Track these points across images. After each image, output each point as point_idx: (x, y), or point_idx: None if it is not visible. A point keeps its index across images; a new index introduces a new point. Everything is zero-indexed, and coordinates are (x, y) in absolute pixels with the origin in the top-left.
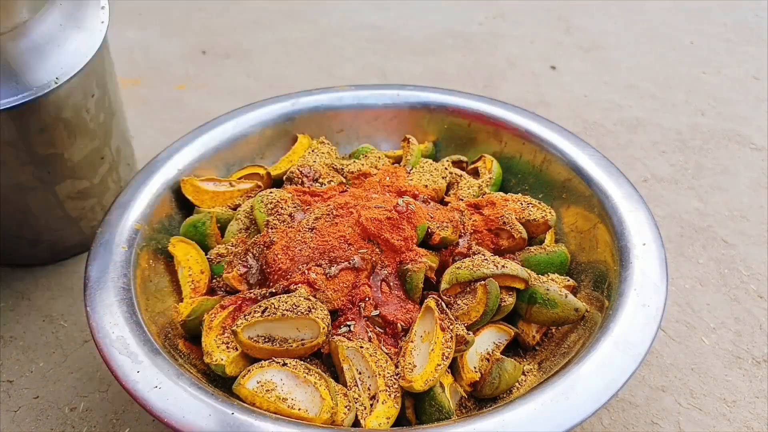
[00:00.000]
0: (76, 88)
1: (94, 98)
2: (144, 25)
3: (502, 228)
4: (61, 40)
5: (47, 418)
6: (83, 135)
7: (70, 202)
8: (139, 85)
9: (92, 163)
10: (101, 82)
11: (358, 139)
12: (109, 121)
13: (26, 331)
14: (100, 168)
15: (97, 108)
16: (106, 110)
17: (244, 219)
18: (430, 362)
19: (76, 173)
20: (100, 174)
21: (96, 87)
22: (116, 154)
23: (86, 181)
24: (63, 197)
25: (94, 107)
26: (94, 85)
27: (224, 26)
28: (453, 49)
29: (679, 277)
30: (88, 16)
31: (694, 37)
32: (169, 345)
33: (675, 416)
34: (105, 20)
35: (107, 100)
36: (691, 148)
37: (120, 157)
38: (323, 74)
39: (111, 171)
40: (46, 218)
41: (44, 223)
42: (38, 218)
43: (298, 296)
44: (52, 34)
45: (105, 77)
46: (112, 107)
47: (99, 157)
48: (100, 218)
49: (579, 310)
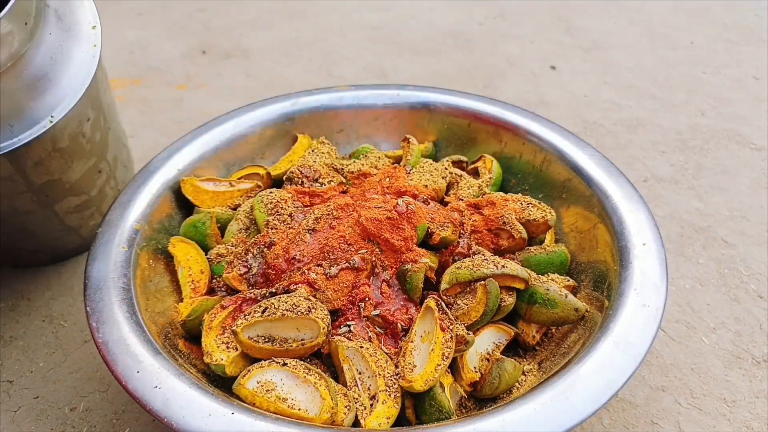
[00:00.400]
0: (72, 118)
1: (89, 122)
2: (144, 25)
3: (502, 228)
4: (53, 75)
5: (47, 418)
6: (80, 158)
7: (70, 216)
8: (139, 85)
9: (90, 179)
10: (96, 104)
11: (358, 139)
12: (105, 136)
13: (26, 331)
14: (98, 181)
15: (92, 129)
16: (101, 128)
17: (244, 219)
18: (430, 362)
19: (74, 191)
20: (98, 186)
21: (91, 110)
22: (113, 163)
23: (85, 195)
24: (62, 213)
25: (89, 130)
26: (89, 109)
27: (224, 26)
28: (453, 49)
29: (679, 277)
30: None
31: (694, 37)
32: (169, 345)
33: (675, 416)
34: (97, 43)
35: (102, 118)
36: (691, 148)
37: (116, 164)
38: (323, 74)
39: (108, 180)
40: (46, 231)
41: (44, 235)
42: (38, 233)
43: (298, 296)
44: (44, 69)
45: (99, 97)
46: (107, 122)
47: (96, 172)
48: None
49: (579, 310)
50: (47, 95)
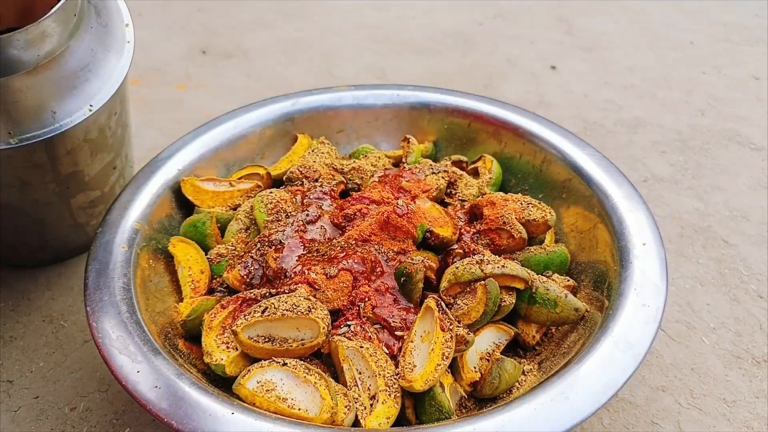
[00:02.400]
0: (105, 110)
1: (116, 116)
2: (144, 25)
3: (502, 228)
4: (93, 66)
5: (47, 418)
6: (102, 151)
7: (81, 211)
8: (139, 85)
9: (106, 175)
10: (123, 99)
11: (358, 139)
12: (124, 132)
13: (26, 331)
14: (111, 178)
15: (116, 124)
16: (122, 124)
17: (244, 219)
18: (430, 362)
19: (89, 185)
20: (110, 183)
21: (119, 104)
22: (125, 160)
23: (98, 191)
24: (76, 208)
25: (114, 124)
26: (117, 103)
27: (224, 26)
28: (453, 49)
29: (679, 277)
30: (116, 37)
31: (694, 37)
32: (169, 345)
33: (675, 416)
34: (131, 39)
35: (124, 114)
36: (691, 148)
37: (127, 162)
38: (323, 74)
39: (119, 178)
40: (56, 227)
41: (53, 232)
42: (48, 229)
43: (298, 296)
44: (85, 60)
45: (125, 93)
46: (127, 119)
47: (112, 168)
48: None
49: (579, 310)
50: (87, 85)
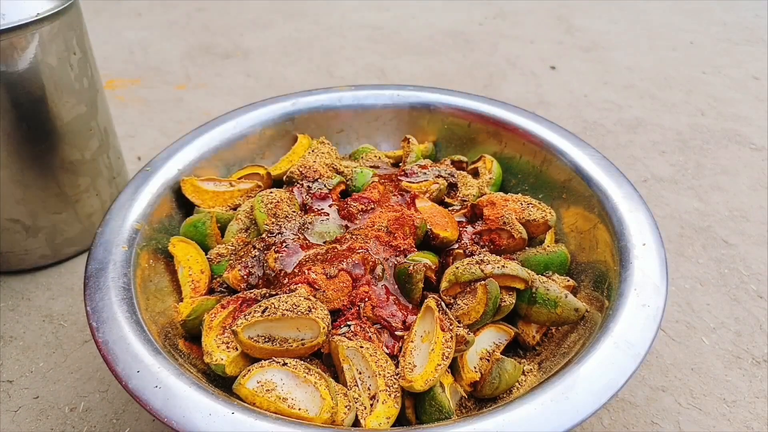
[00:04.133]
0: (57, 35)
1: (76, 57)
2: (144, 25)
3: (502, 228)
4: None
5: (47, 418)
6: (69, 92)
7: (64, 175)
8: (139, 85)
9: (81, 132)
10: (81, 46)
11: (358, 139)
12: (94, 94)
13: (26, 331)
14: (90, 142)
15: (80, 70)
16: (89, 78)
17: (244, 219)
18: (430, 362)
19: (66, 138)
20: (91, 149)
21: (77, 46)
22: (104, 134)
23: (78, 153)
24: (56, 167)
25: (77, 67)
26: (74, 42)
27: (224, 26)
28: (453, 49)
29: (679, 277)
30: None
31: (694, 37)
32: (169, 345)
33: (675, 416)
34: None
35: (89, 69)
36: (691, 148)
37: (108, 139)
38: (323, 74)
39: (101, 152)
40: (43, 195)
41: (41, 203)
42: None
43: (298, 296)
44: None
45: (84, 43)
46: (95, 83)
47: (87, 129)
48: (95, 205)
49: (579, 310)
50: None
